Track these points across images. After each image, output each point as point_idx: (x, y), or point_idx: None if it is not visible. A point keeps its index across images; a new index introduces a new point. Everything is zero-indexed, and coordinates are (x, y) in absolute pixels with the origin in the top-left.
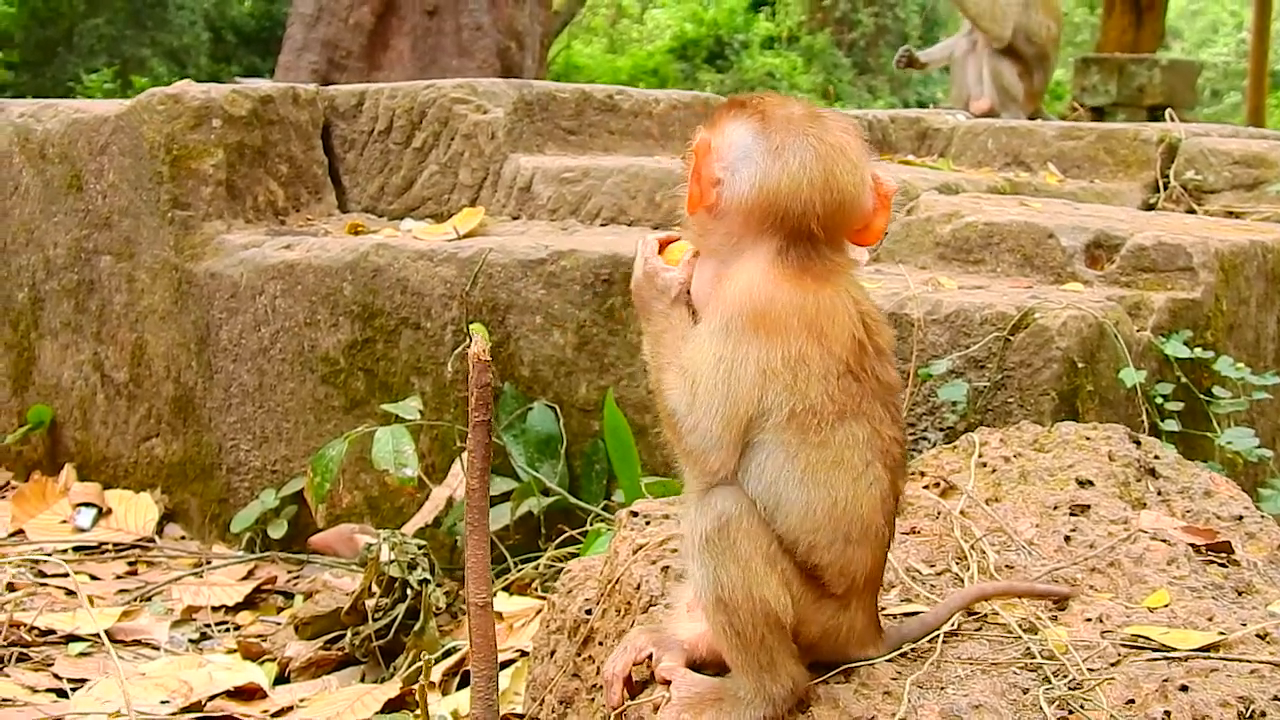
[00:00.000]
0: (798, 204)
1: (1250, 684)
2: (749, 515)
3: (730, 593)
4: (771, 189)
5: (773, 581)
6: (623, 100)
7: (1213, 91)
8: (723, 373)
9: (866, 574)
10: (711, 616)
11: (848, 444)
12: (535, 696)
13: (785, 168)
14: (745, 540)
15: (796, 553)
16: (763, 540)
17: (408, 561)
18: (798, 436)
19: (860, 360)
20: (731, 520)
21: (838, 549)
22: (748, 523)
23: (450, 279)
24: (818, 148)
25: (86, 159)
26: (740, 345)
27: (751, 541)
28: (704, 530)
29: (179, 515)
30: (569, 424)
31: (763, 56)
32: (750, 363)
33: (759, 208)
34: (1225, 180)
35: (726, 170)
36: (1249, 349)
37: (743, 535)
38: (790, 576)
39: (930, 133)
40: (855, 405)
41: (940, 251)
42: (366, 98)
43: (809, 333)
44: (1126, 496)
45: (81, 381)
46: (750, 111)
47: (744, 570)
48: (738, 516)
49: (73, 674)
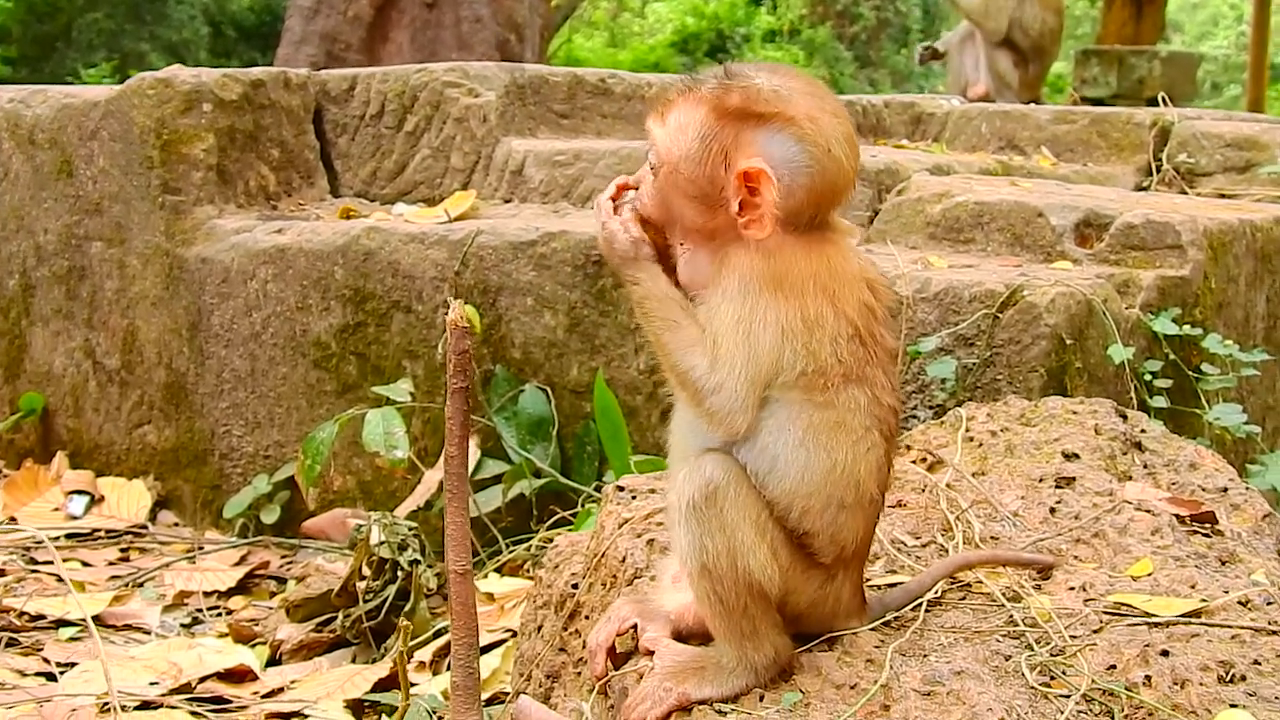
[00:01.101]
0: (836, 196)
1: (1231, 649)
2: (738, 483)
3: (715, 561)
4: (821, 190)
5: (760, 551)
6: (615, 84)
7: (1213, 84)
8: (743, 333)
9: (857, 543)
10: (696, 584)
11: (849, 407)
12: (523, 671)
13: (837, 166)
14: (733, 508)
15: (789, 519)
16: (751, 509)
17: (398, 543)
18: (803, 396)
19: (868, 324)
20: (720, 488)
21: (830, 514)
22: (736, 491)
23: (441, 262)
24: (846, 135)
25: (76, 144)
26: (759, 305)
27: (739, 510)
28: (690, 497)
29: (172, 502)
30: (560, 406)
31: (764, 50)
32: (770, 323)
33: (810, 206)
34: (1217, 163)
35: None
36: (1238, 327)
37: (730, 503)
38: (779, 546)
39: (924, 117)
40: (860, 369)
41: (931, 231)
42: (358, 82)
43: (824, 294)
44: (1112, 469)
45: (73, 368)
46: (780, 120)
47: (730, 539)
48: (725, 484)
49: (62, 658)
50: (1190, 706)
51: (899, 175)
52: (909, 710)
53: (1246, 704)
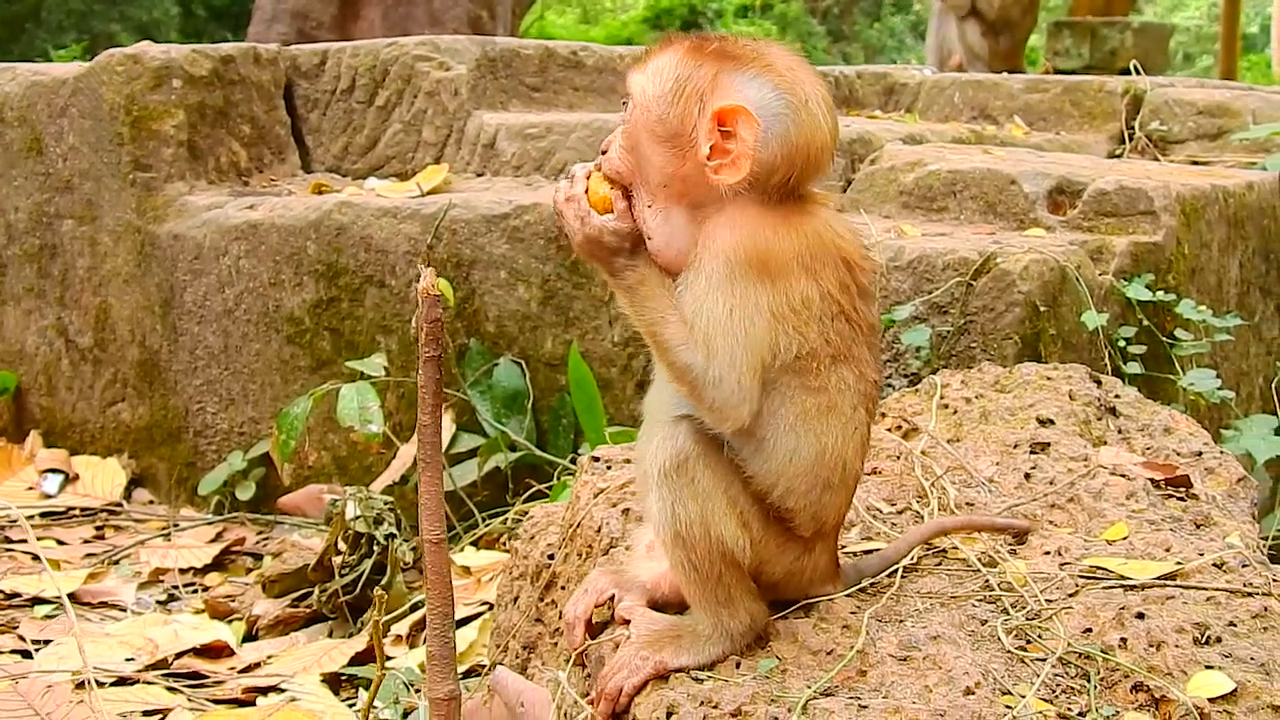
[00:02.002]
0: (812, 161)
1: (1206, 610)
2: (710, 452)
3: (688, 528)
4: (796, 145)
5: (731, 521)
6: (587, 57)
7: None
8: (737, 321)
9: (837, 518)
10: (670, 551)
11: (839, 389)
12: (499, 643)
13: (814, 121)
14: (704, 477)
15: (771, 495)
16: (723, 479)
17: (374, 517)
18: (795, 380)
19: (851, 301)
20: (691, 456)
21: (814, 495)
22: (707, 460)
23: (414, 236)
24: (824, 98)
25: (46, 121)
26: (749, 292)
27: (712, 479)
28: (663, 464)
29: (147, 479)
30: (535, 379)
31: (737, 25)
32: (763, 309)
33: (784, 163)
34: (1190, 130)
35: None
36: (1211, 292)
37: (701, 472)
38: (751, 518)
39: (897, 88)
40: (847, 349)
41: (904, 200)
42: (329, 57)
43: (807, 275)
44: (1087, 434)
45: (45, 347)
46: (758, 66)
47: (702, 507)
48: (697, 453)
49: (38, 635)
50: (1166, 668)
51: (872, 145)
52: (885, 675)
53: (1222, 665)
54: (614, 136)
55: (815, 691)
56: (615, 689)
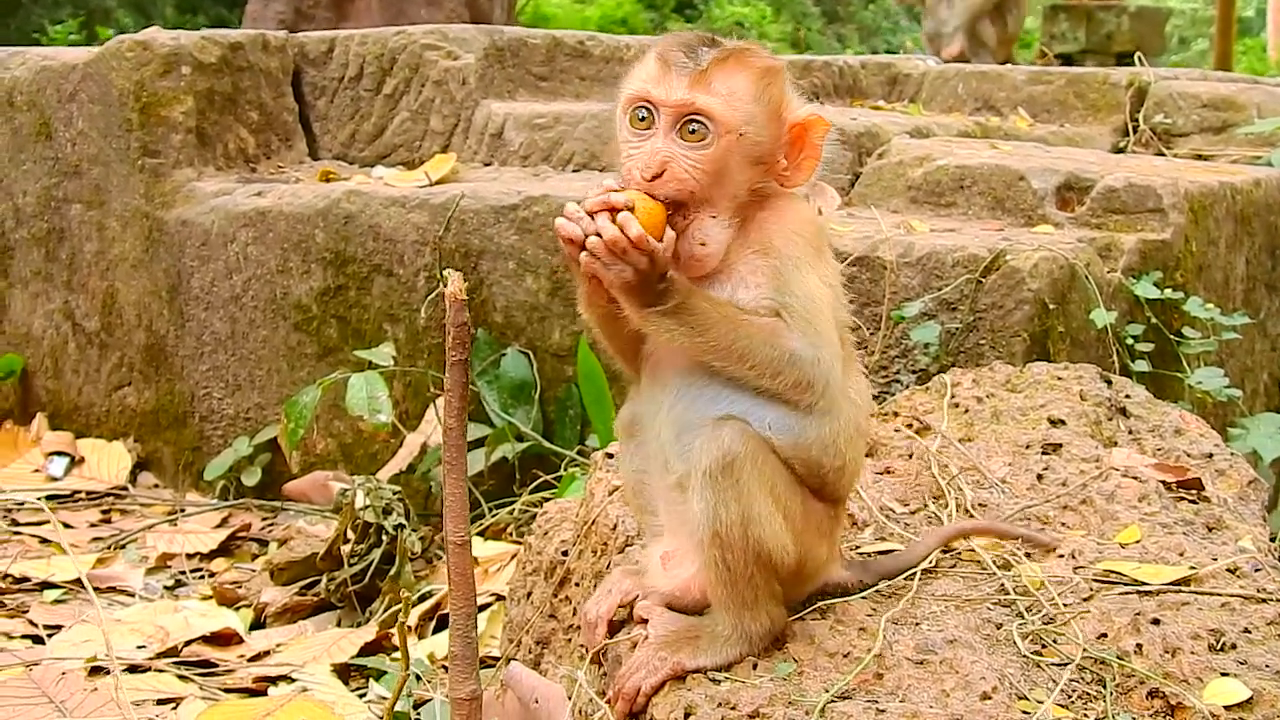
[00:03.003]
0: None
1: (1221, 617)
2: (757, 453)
3: (728, 530)
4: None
5: (774, 521)
6: (594, 46)
7: (1180, 38)
8: (826, 298)
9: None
10: (705, 550)
11: (851, 350)
12: (512, 638)
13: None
14: (751, 478)
15: (825, 467)
16: (769, 479)
17: (383, 507)
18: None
19: None
20: (739, 458)
21: (857, 452)
22: (754, 461)
23: (422, 225)
24: None
25: (55, 107)
26: (824, 270)
27: (758, 480)
28: (708, 466)
29: (152, 464)
30: (542, 369)
31: (731, 6)
32: (832, 281)
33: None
34: (1194, 123)
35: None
36: (1218, 290)
37: (749, 473)
38: (794, 510)
39: (901, 78)
40: (848, 319)
41: (912, 195)
42: (337, 44)
43: (830, 249)
44: (1098, 435)
45: (52, 330)
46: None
47: (744, 509)
48: (744, 454)
49: (48, 620)
50: (1182, 675)
51: (879, 138)
52: (902, 679)
53: (1237, 672)
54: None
55: (833, 695)
56: (633, 689)
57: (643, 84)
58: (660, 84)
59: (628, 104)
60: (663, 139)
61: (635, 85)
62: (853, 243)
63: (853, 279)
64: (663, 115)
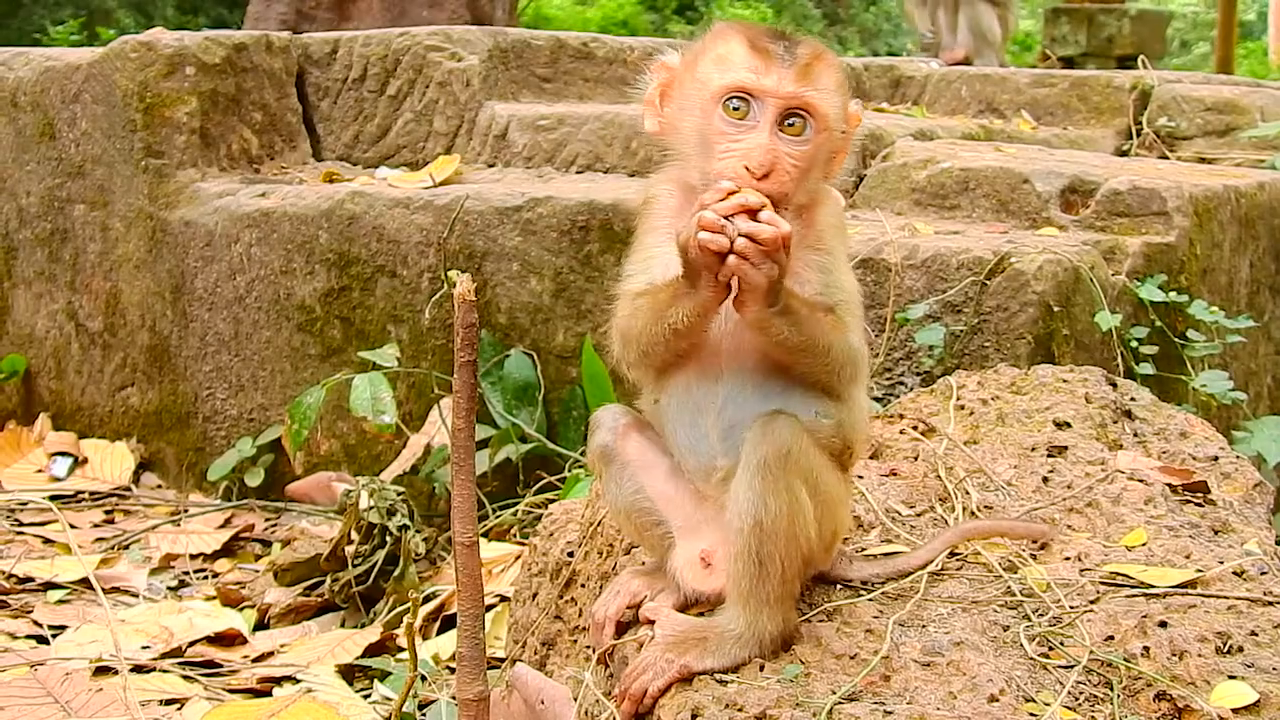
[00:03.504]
0: None
1: (1228, 619)
2: (809, 446)
3: (774, 520)
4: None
5: (809, 515)
6: (597, 48)
7: (1181, 42)
8: (859, 295)
9: None
10: (744, 539)
11: None
12: (517, 639)
13: None
14: (800, 471)
15: (854, 447)
16: (813, 470)
17: (387, 508)
18: None
19: None
20: (794, 450)
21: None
22: (806, 454)
23: (426, 226)
24: None
25: (59, 107)
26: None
27: (804, 472)
28: (764, 456)
29: (155, 464)
30: (546, 371)
31: (732, 7)
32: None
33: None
34: (1198, 126)
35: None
36: (1222, 292)
37: (799, 465)
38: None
39: (904, 80)
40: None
41: (916, 197)
42: (340, 45)
43: None
44: (1103, 438)
45: (56, 331)
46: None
47: (792, 499)
48: (799, 448)
49: (53, 620)
50: (1189, 677)
51: (883, 141)
52: (909, 681)
53: (1245, 675)
54: (772, 157)
55: (840, 697)
56: (640, 690)
57: (746, 74)
58: (766, 74)
59: (722, 93)
60: (768, 133)
61: (733, 75)
62: (858, 245)
63: (858, 281)
64: (768, 108)
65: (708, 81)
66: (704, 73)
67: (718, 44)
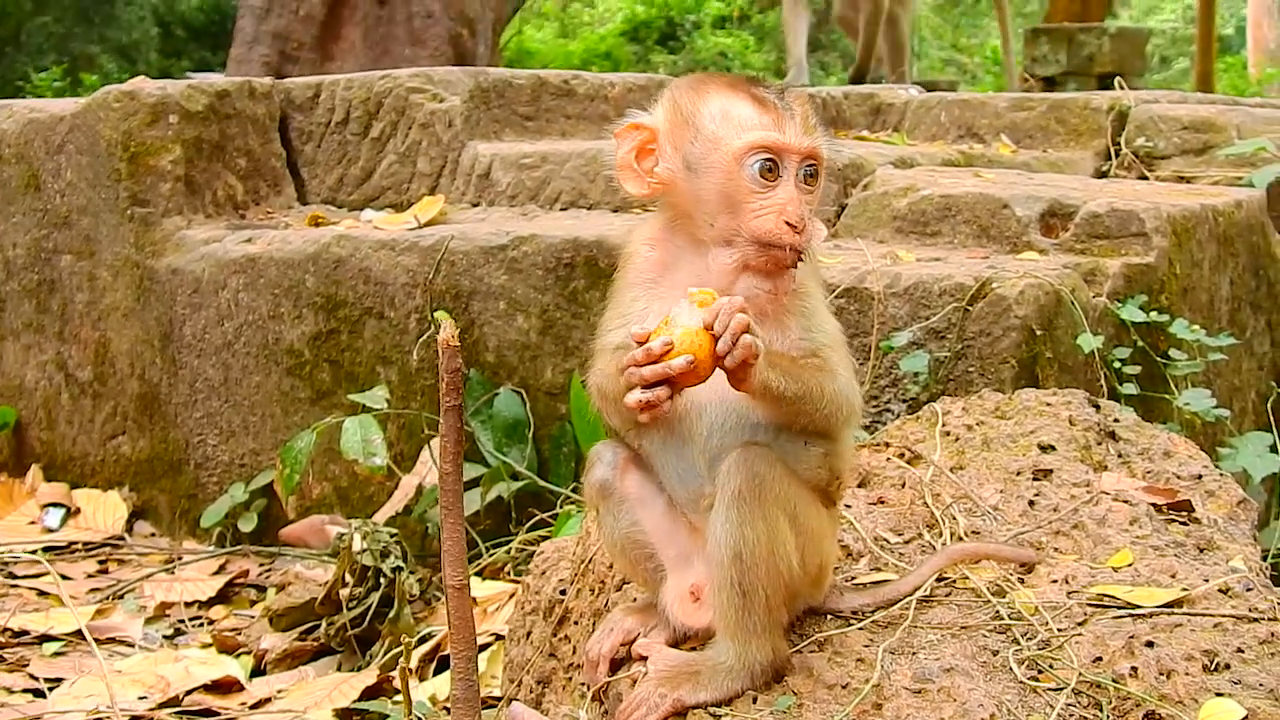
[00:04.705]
0: None
1: (1214, 637)
2: (783, 476)
3: (752, 549)
4: None
5: (791, 542)
6: (578, 85)
7: (1161, 58)
8: (841, 334)
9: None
10: (724, 570)
11: None
12: (513, 678)
13: None
14: (777, 500)
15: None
16: (790, 501)
17: (380, 550)
18: None
19: None
20: (767, 480)
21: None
22: (782, 484)
23: (413, 268)
24: None
25: (43, 158)
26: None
27: (782, 502)
28: (738, 487)
29: (148, 512)
30: (535, 408)
31: (715, 36)
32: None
33: None
34: (1175, 146)
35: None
36: (1203, 311)
37: (775, 495)
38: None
39: (884, 108)
40: None
41: (897, 225)
42: (323, 89)
43: None
44: (1088, 460)
45: (45, 381)
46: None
47: (770, 530)
48: (774, 478)
49: (49, 673)
50: (1177, 696)
51: (863, 169)
52: (901, 709)
53: (1232, 692)
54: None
55: None
56: None
57: (767, 133)
58: (783, 131)
59: (749, 152)
60: (794, 187)
61: (755, 134)
62: (840, 274)
63: (841, 310)
64: (791, 163)
65: (724, 140)
66: (714, 131)
67: (711, 100)
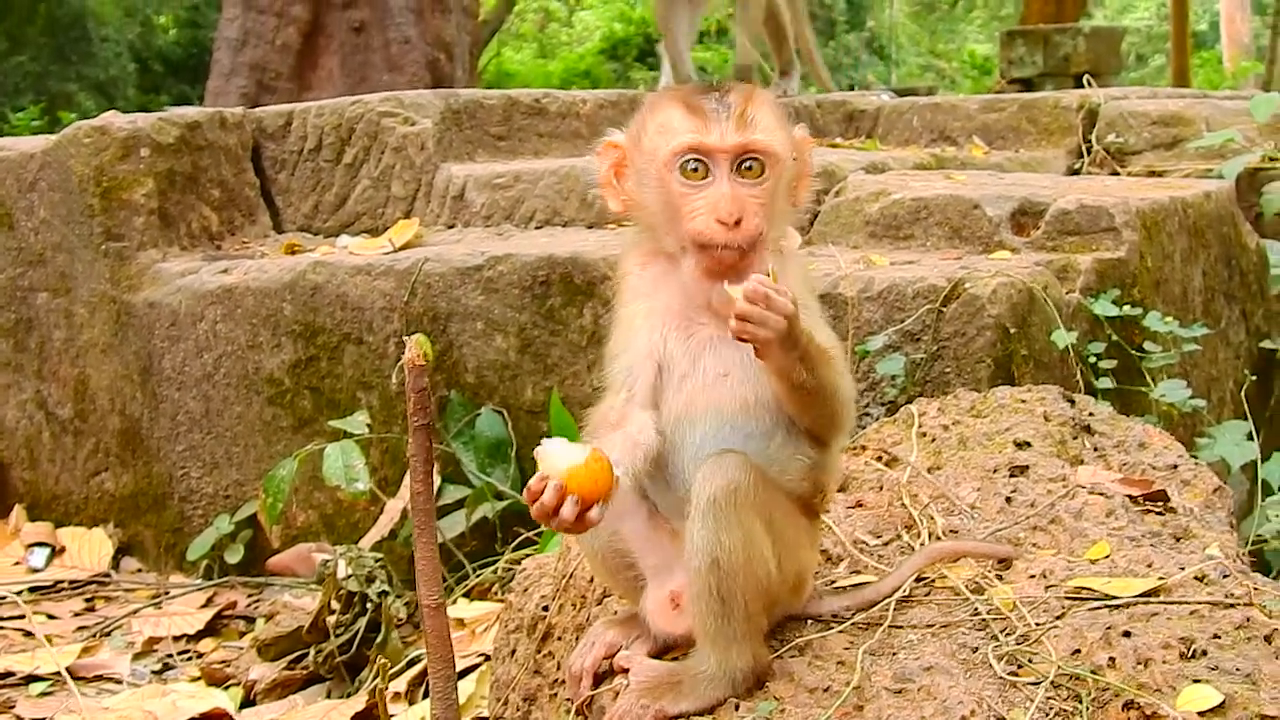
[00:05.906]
0: None
1: (1191, 625)
2: (759, 483)
3: (730, 555)
4: None
5: (769, 548)
6: (549, 103)
7: (1138, 56)
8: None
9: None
10: (702, 578)
11: None
12: (499, 696)
13: None
14: (753, 507)
15: (828, 488)
16: (766, 507)
17: (365, 575)
18: None
19: None
20: (742, 486)
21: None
22: (758, 490)
23: (389, 292)
24: None
25: (16, 196)
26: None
27: (759, 509)
28: (713, 494)
29: (134, 548)
30: (517, 427)
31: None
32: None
33: None
34: (1145, 141)
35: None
36: (1176, 303)
37: (751, 502)
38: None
39: (857, 114)
40: None
41: (870, 230)
42: (294, 117)
43: None
44: (1064, 454)
45: (26, 420)
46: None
47: (746, 535)
48: (750, 484)
49: (35, 714)
50: (1155, 685)
51: (835, 176)
52: (882, 709)
53: (1209, 678)
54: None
55: None
56: None
57: (690, 135)
58: (709, 132)
59: (674, 157)
60: (727, 183)
61: (679, 139)
62: (815, 281)
63: None
64: (720, 161)
65: (656, 151)
66: (650, 144)
67: (656, 114)
